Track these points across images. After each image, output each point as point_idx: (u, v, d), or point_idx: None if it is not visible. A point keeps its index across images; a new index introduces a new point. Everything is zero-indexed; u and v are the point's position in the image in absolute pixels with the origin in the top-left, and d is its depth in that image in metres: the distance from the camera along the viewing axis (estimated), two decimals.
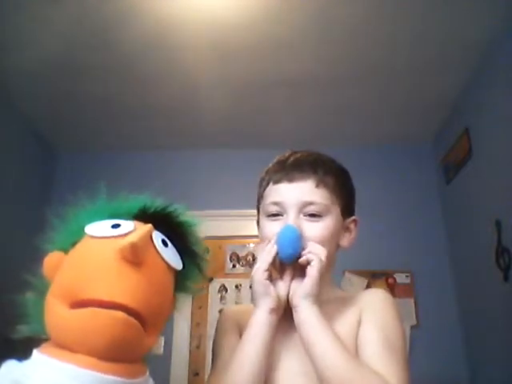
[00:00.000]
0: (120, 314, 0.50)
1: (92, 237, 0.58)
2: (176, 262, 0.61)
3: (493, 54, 2.03)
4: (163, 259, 0.59)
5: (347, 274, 2.54)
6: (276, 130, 2.76)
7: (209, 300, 3.15)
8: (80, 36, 1.98)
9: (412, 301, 2.50)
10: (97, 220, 0.61)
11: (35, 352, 0.53)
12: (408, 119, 2.63)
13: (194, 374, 2.86)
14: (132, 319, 0.51)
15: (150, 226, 0.58)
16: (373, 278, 2.55)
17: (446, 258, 2.60)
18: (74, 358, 0.50)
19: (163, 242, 0.60)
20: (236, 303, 3.06)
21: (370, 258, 2.58)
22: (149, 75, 2.26)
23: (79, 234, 0.60)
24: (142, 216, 0.63)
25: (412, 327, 2.44)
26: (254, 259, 3.09)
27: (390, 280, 2.55)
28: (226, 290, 3.20)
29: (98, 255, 0.55)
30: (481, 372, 2.26)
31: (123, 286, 0.52)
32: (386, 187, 2.77)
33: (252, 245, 3.25)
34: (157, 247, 0.58)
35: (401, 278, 2.56)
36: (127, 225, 0.59)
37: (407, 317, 2.46)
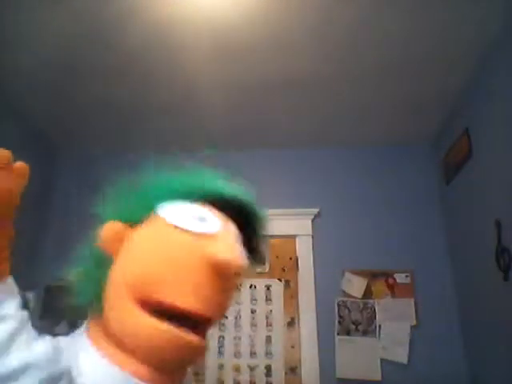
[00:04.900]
0: (193, 340, 0.48)
1: (175, 226, 0.53)
2: (245, 261, 0.57)
3: (493, 54, 2.03)
4: None
5: (347, 274, 2.54)
6: (276, 130, 2.76)
7: None
8: (80, 36, 1.98)
9: (412, 301, 2.50)
10: (169, 198, 0.57)
11: (89, 346, 0.51)
12: (408, 119, 2.63)
13: (194, 373, 2.85)
14: (202, 343, 0.49)
15: (235, 232, 0.55)
16: (373, 277, 2.55)
17: (446, 257, 2.60)
18: (134, 367, 0.48)
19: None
20: (236, 303, 3.06)
21: (370, 258, 2.58)
22: (149, 75, 2.26)
23: (148, 208, 0.56)
24: (217, 202, 0.59)
25: (412, 327, 2.44)
26: None
27: (390, 280, 2.55)
28: None
29: (185, 256, 0.51)
30: (481, 372, 2.25)
31: (206, 297, 0.49)
32: (385, 187, 2.77)
33: None
34: None
35: (401, 278, 2.56)
36: (213, 221, 0.55)
37: (407, 317, 2.46)
